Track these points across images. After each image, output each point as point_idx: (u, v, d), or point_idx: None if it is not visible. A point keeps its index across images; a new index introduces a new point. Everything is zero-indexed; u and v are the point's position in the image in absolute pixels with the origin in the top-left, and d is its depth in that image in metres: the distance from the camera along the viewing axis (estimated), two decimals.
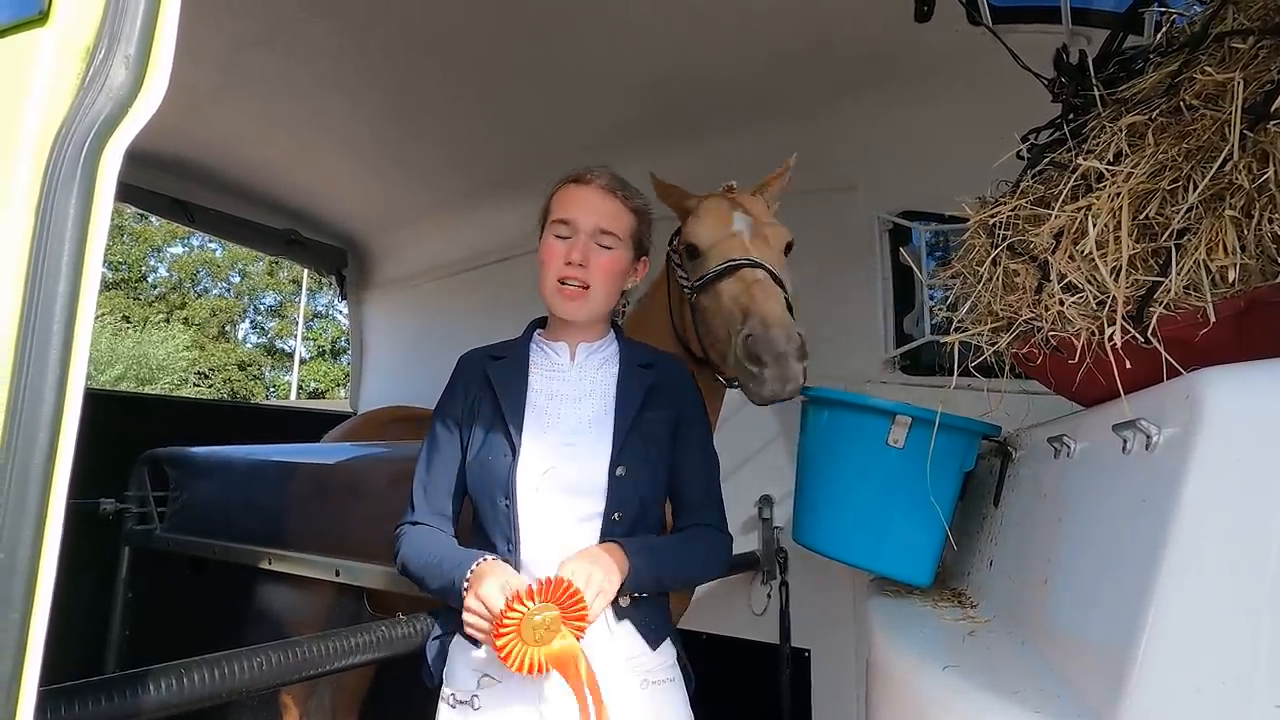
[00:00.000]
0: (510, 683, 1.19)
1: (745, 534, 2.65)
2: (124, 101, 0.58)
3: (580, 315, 1.34)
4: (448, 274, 4.17)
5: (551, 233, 1.35)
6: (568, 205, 1.35)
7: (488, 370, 1.34)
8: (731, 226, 1.67)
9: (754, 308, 1.53)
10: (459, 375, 1.39)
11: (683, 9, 2.33)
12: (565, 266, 1.31)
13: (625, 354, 1.40)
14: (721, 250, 1.64)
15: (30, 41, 0.58)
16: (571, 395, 1.33)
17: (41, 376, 0.52)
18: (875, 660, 1.38)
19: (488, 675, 1.21)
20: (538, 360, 1.37)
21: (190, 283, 27.09)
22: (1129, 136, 0.91)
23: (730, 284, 1.59)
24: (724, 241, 1.65)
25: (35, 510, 0.51)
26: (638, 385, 1.34)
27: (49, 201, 0.55)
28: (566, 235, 1.33)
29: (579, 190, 1.36)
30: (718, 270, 1.61)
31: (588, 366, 1.37)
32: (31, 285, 0.54)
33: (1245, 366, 0.76)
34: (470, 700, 1.21)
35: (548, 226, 1.37)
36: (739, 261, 1.60)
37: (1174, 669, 0.73)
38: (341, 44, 2.60)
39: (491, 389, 1.31)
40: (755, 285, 1.56)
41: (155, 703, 0.97)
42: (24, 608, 0.51)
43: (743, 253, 1.62)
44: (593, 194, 1.35)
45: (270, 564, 2.20)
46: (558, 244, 1.33)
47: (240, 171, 3.65)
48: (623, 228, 1.36)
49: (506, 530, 1.24)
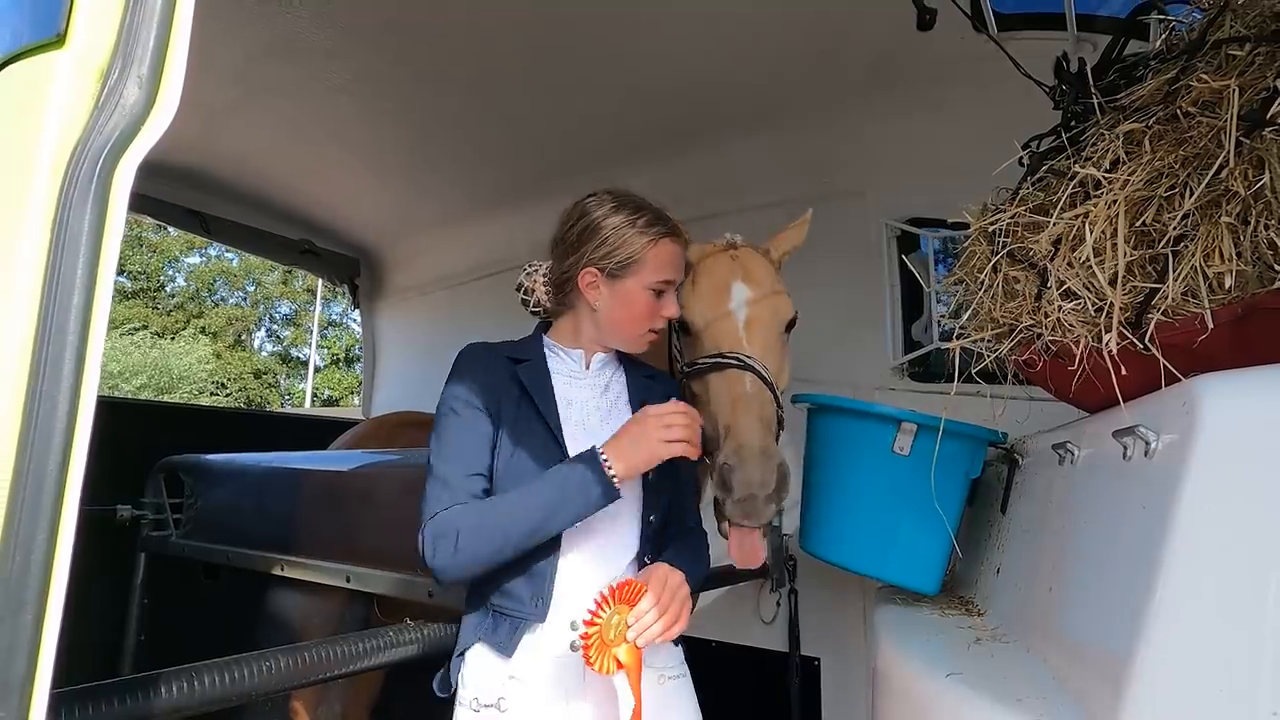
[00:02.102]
0: (536, 684, 1.22)
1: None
2: (137, 119, 0.61)
3: None
4: (459, 282, 4.21)
5: (649, 287, 1.35)
6: (673, 268, 1.38)
7: (515, 372, 1.35)
8: (728, 304, 1.54)
9: (734, 430, 1.41)
10: (477, 366, 1.35)
11: (691, 20, 2.36)
12: (661, 320, 1.39)
13: (629, 368, 1.47)
14: (714, 336, 1.53)
15: (48, 63, 0.60)
16: (591, 401, 1.39)
17: (56, 385, 0.54)
18: (881, 668, 1.38)
19: (514, 678, 1.22)
20: (555, 365, 1.40)
21: (207, 292, 27.45)
22: (1126, 144, 0.92)
23: (718, 385, 1.49)
24: (717, 324, 1.54)
25: (49, 515, 0.53)
26: (649, 396, 1.41)
27: (64, 216, 0.57)
28: (663, 291, 1.38)
29: (678, 250, 1.40)
30: (707, 364, 1.51)
31: (601, 375, 1.43)
32: (47, 297, 0.56)
33: (1242, 373, 0.76)
34: (496, 703, 1.21)
35: (641, 279, 1.35)
36: (729, 360, 1.48)
37: (1174, 676, 0.73)
38: (355, 57, 2.64)
39: (522, 390, 1.33)
40: (740, 400, 1.44)
41: (167, 705, 0.98)
42: (37, 610, 0.53)
43: (733, 345, 1.50)
44: (683, 254, 1.43)
45: (283, 570, 2.22)
46: (654, 300, 1.37)
47: (255, 182, 3.71)
48: None
49: None
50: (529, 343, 1.44)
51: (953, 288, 1.32)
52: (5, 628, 0.51)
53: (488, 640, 1.25)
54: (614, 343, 1.41)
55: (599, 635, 1.10)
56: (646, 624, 1.11)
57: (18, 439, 0.54)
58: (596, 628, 1.10)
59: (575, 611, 1.24)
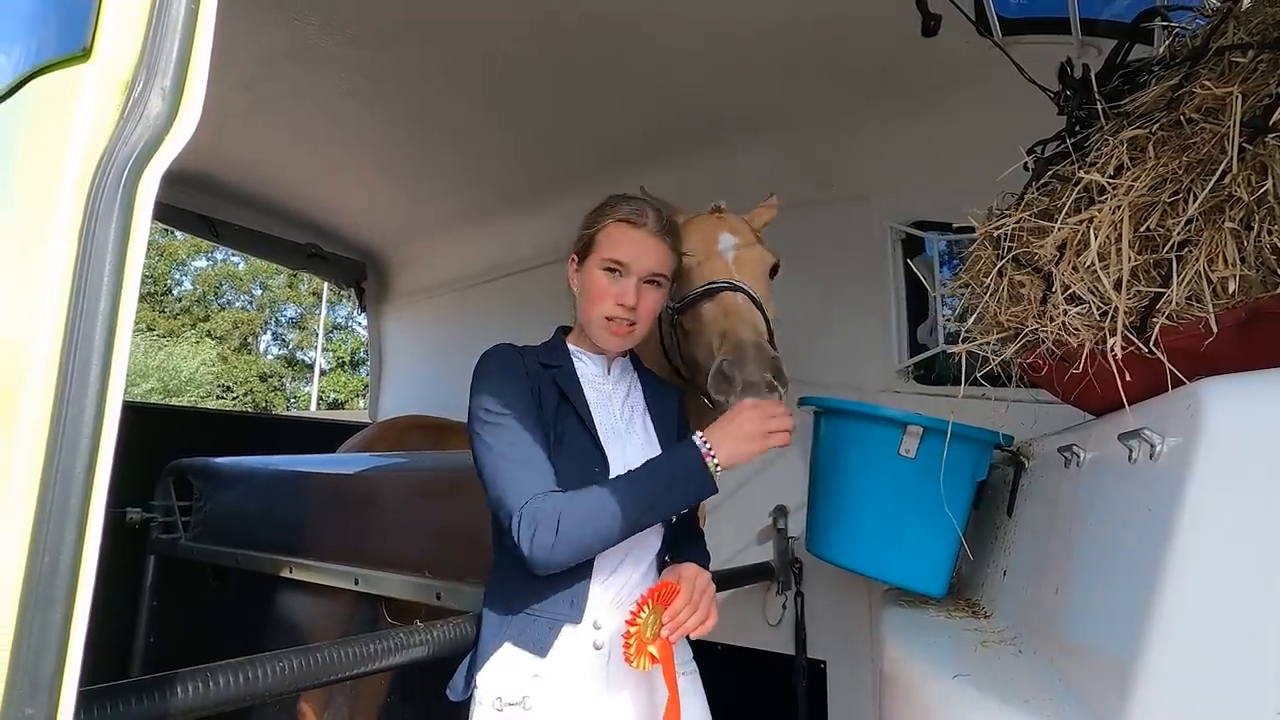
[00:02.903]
0: (562, 683, 1.23)
1: (760, 544, 2.66)
2: (160, 130, 0.62)
3: (622, 348, 1.41)
4: (465, 286, 4.23)
5: (600, 268, 1.36)
6: (622, 248, 1.36)
7: (554, 378, 1.36)
8: (716, 247, 1.64)
9: (729, 335, 1.47)
10: (513, 364, 1.35)
11: (698, 26, 2.37)
12: (617, 307, 1.35)
13: (643, 375, 1.50)
14: (704, 272, 1.61)
15: (75, 76, 0.62)
16: (615, 407, 1.41)
17: (84, 389, 0.56)
18: (888, 670, 1.38)
19: (538, 676, 1.23)
20: (580, 369, 1.41)
21: (214, 295, 27.58)
22: (1130, 150, 0.93)
23: (710, 307, 1.55)
24: (707, 263, 1.62)
25: (77, 515, 0.55)
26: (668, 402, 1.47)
27: (90, 226, 0.59)
28: (618, 273, 1.36)
29: (633, 234, 1.37)
30: (698, 292, 1.57)
31: (622, 381, 1.46)
32: (74, 304, 0.58)
33: (1246, 376, 0.77)
34: (521, 701, 1.22)
35: (594, 259, 1.38)
36: (719, 284, 1.55)
37: (1180, 677, 0.74)
38: (362, 63, 2.66)
39: (560, 393, 1.34)
40: (732, 311, 1.51)
41: (182, 705, 1.00)
42: (65, 609, 0.54)
43: (725, 275, 1.58)
44: (646, 239, 1.38)
45: (291, 573, 2.24)
46: (607, 282, 1.36)
47: (263, 187, 3.75)
48: (668, 267, 1.41)
49: None
50: (555, 348, 1.43)
51: (958, 291, 1.33)
52: (35, 626, 0.52)
53: (518, 641, 1.25)
54: (589, 335, 1.40)
55: (637, 635, 1.15)
56: (682, 620, 1.18)
57: (47, 442, 0.55)
58: (636, 628, 1.15)
59: (601, 611, 1.27)
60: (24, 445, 0.54)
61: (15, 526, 0.53)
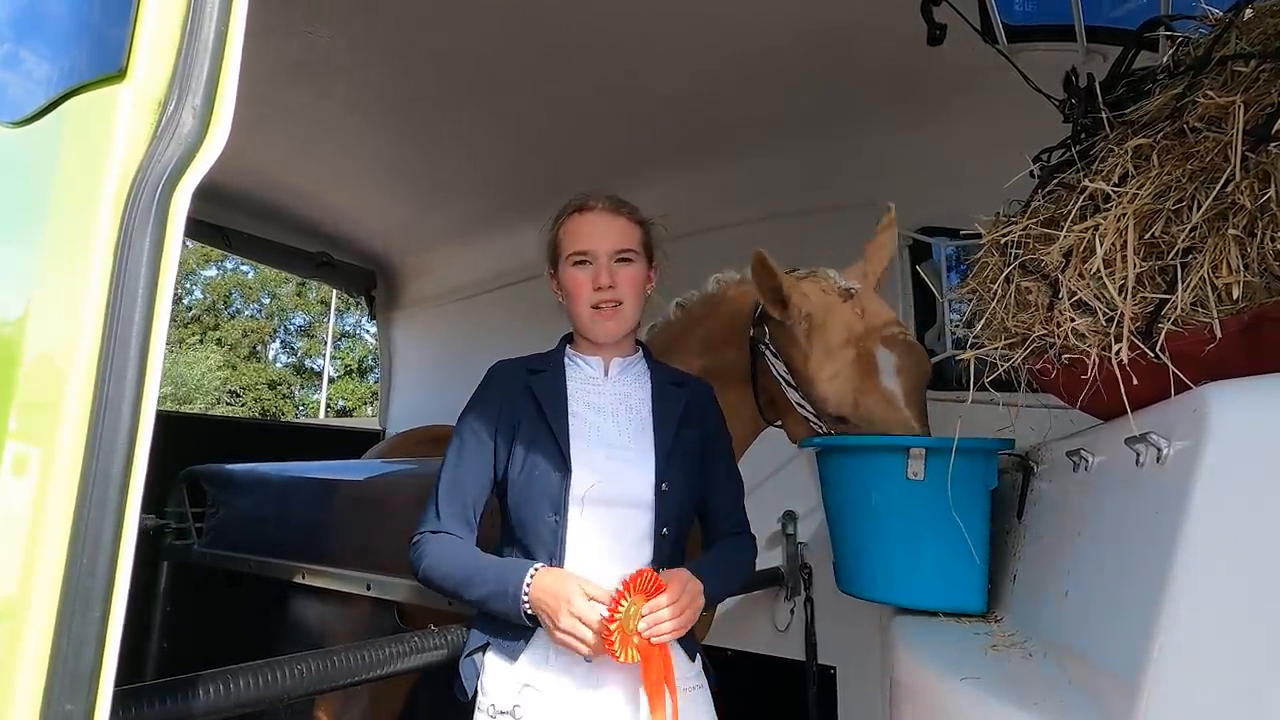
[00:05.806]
0: (552, 691, 1.23)
1: (769, 549, 2.66)
2: (192, 147, 0.65)
3: (620, 331, 1.40)
4: (474, 293, 4.26)
5: (571, 265, 1.39)
6: (582, 236, 1.39)
7: (530, 384, 1.37)
8: (879, 379, 1.59)
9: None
10: (494, 386, 1.40)
11: (703, 34, 2.39)
12: (596, 292, 1.36)
13: (655, 372, 1.46)
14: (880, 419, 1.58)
15: (111, 96, 0.64)
16: (609, 409, 1.38)
17: (120, 396, 0.58)
18: (898, 674, 1.38)
19: (529, 686, 1.23)
20: (573, 374, 1.41)
21: (223, 304, 27.77)
22: (1134, 158, 0.94)
23: None
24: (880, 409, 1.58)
25: (114, 517, 0.57)
26: (674, 403, 1.40)
27: (126, 239, 0.61)
28: (587, 262, 1.38)
29: (587, 218, 1.40)
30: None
31: (621, 381, 1.42)
32: (110, 315, 0.60)
33: (1251, 380, 0.78)
34: (512, 710, 1.23)
35: (565, 260, 1.40)
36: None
37: (1188, 680, 0.74)
38: (370, 75, 2.70)
39: (536, 402, 1.34)
40: None
41: (204, 706, 1.02)
42: (103, 607, 0.56)
43: (905, 430, 1.56)
44: (600, 218, 1.40)
45: (304, 578, 2.26)
46: (581, 274, 1.37)
47: (275, 197, 3.79)
48: (635, 241, 1.41)
49: (551, 545, 1.26)
50: (550, 355, 1.45)
51: (966, 296, 1.34)
52: (75, 624, 0.54)
53: (495, 645, 1.27)
54: (584, 333, 1.42)
55: (619, 628, 1.13)
56: (660, 618, 1.15)
57: (86, 447, 0.57)
58: (617, 622, 1.13)
59: None
60: (65, 450, 0.57)
61: (57, 528, 0.55)
